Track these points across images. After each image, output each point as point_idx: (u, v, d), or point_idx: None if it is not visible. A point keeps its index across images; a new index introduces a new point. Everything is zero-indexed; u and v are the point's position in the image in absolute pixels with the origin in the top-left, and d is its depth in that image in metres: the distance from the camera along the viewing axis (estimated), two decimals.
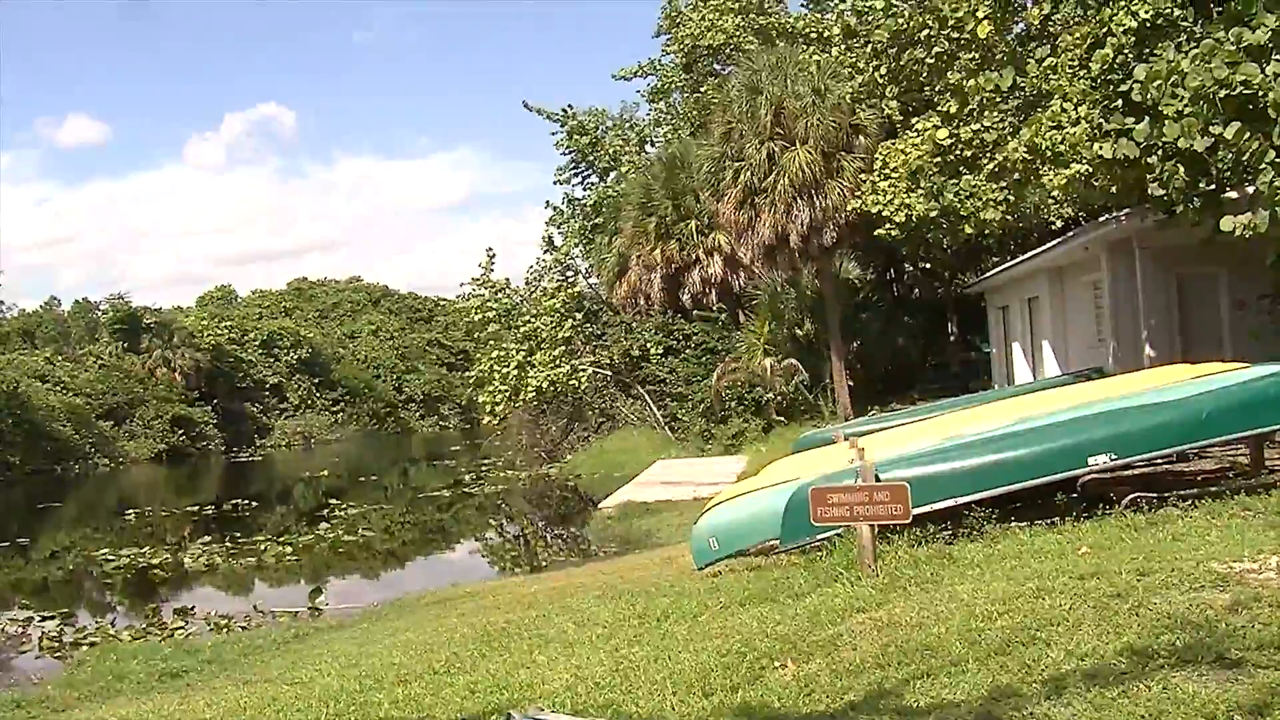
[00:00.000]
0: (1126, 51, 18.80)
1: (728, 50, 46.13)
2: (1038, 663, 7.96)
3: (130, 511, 45.56)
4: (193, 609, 22.65)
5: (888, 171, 31.43)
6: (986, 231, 29.97)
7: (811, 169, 36.33)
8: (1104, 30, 19.15)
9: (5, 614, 24.31)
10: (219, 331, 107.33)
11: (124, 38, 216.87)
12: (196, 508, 46.25)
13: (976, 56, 23.79)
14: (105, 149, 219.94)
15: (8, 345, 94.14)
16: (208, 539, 33.42)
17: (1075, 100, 20.14)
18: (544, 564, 26.21)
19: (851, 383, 39.14)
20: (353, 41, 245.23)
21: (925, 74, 26.96)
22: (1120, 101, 18.89)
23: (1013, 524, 13.26)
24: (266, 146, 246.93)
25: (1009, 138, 23.43)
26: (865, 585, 11.43)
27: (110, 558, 31.09)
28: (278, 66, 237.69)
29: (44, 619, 23.03)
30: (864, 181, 33.94)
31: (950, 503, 13.25)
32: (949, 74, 24.86)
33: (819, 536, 13.44)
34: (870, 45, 28.90)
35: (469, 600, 18.86)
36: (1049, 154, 21.00)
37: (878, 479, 12.58)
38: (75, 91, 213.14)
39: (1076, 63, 20.49)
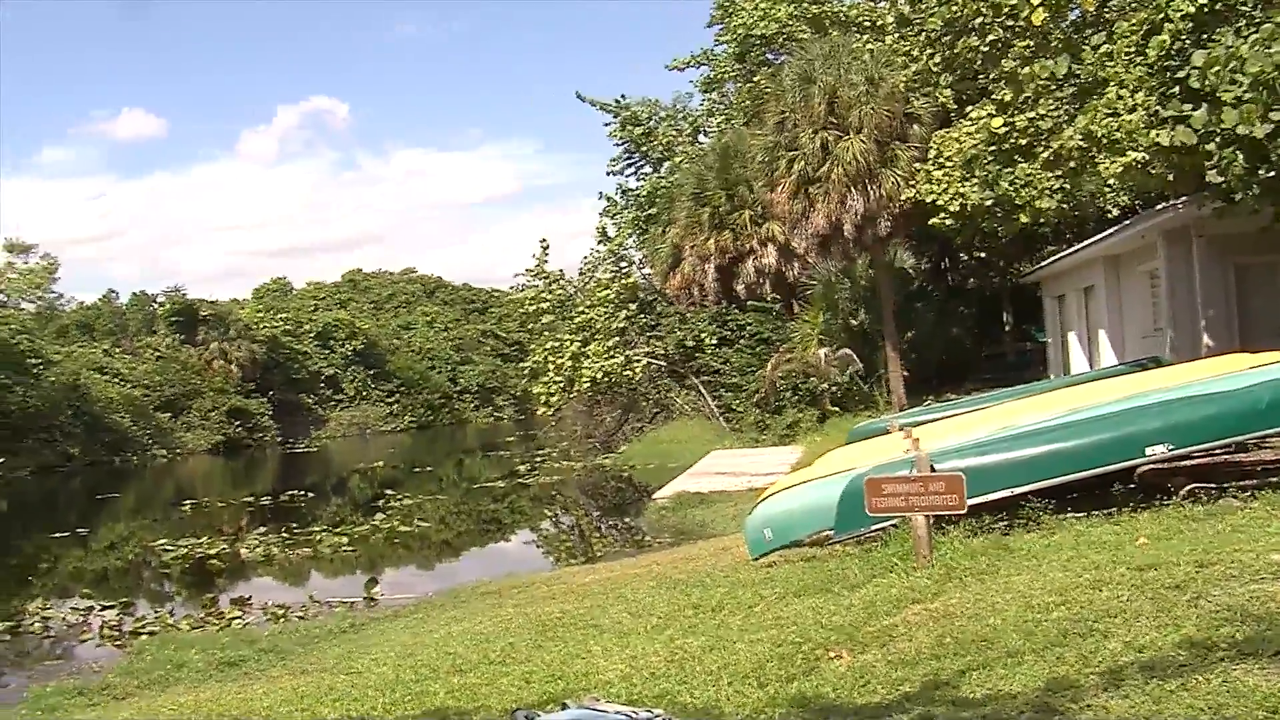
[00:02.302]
0: (1184, 37, 18.62)
1: (781, 39, 46.02)
2: (1095, 654, 7.89)
3: (187, 502, 45.83)
4: (250, 599, 22.76)
5: (942, 160, 31.30)
6: (1042, 220, 29.76)
7: (865, 158, 36.21)
8: (1161, 16, 18.98)
9: (66, 603, 24.51)
10: (275, 323, 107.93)
11: (177, 31, 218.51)
12: (253, 499, 46.51)
13: (1031, 44, 23.60)
14: (160, 143, 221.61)
15: (66, 338, 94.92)
16: (264, 530, 33.54)
17: (1132, 87, 19.97)
18: (599, 555, 26.16)
19: (906, 373, 38.95)
20: (401, 33, 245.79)
21: (980, 62, 26.76)
22: (1178, 88, 18.71)
23: (1069, 515, 13.16)
24: (318, 139, 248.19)
25: (1064, 125, 23.27)
26: (920, 576, 11.37)
27: (168, 548, 31.25)
28: (328, 59, 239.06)
29: (104, 608, 23.17)
30: (918, 170, 33.83)
31: (1006, 493, 13.15)
32: (1004, 61, 24.67)
33: (874, 527, 13.40)
34: (924, 33, 28.72)
35: (524, 590, 18.87)
36: (1105, 141, 20.83)
37: (933, 469, 12.51)
38: (130, 85, 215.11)
39: (1133, 49, 20.30)
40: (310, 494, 48.06)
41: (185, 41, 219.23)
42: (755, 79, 47.26)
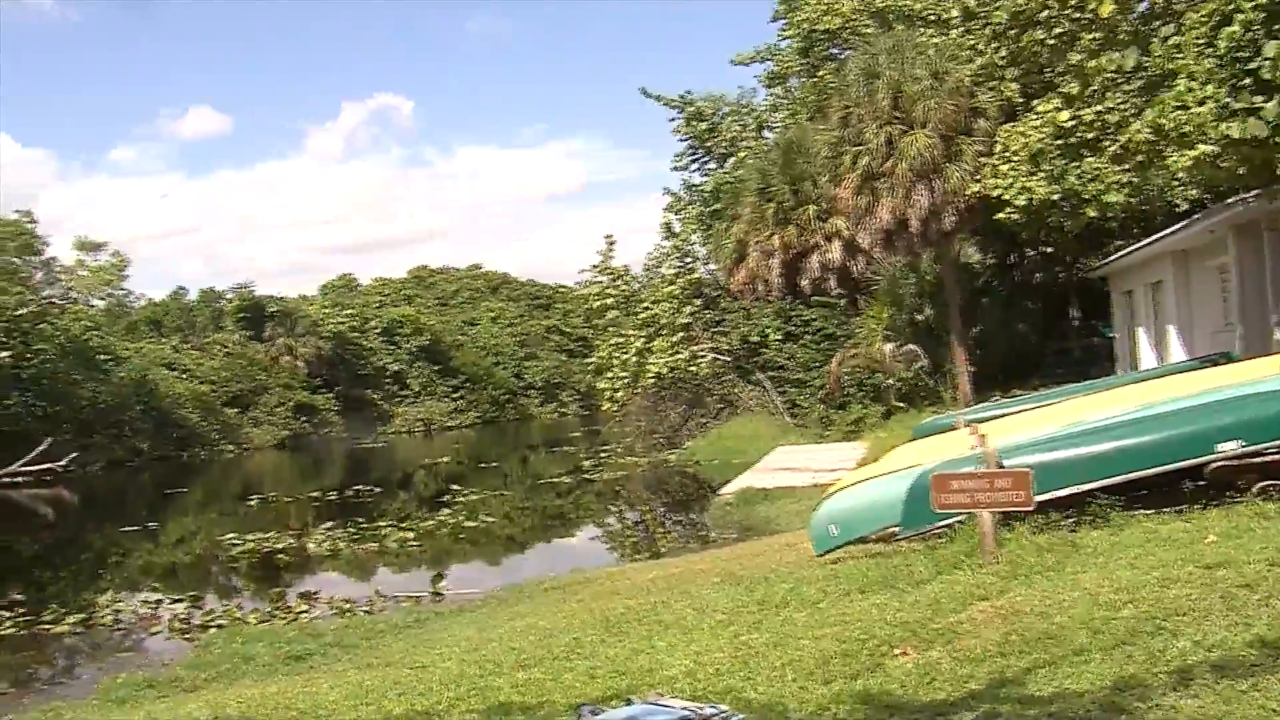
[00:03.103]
0: (1256, 28, 18.39)
1: (845, 34, 45.80)
2: (1164, 653, 7.84)
3: (254, 497, 46.24)
4: (316, 593, 22.92)
5: (1008, 155, 31.11)
6: (1109, 215, 29.59)
7: (930, 153, 36.03)
8: (1231, 6, 18.76)
9: (136, 596, 24.82)
10: (341, 320, 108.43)
11: (242, 29, 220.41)
12: (319, 494, 46.81)
13: (1099, 36, 23.40)
14: (227, 140, 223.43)
15: (136, 334, 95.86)
16: (331, 524, 33.74)
17: (1201, 79, 19.75)
18: (663, 550, 26.16)
19: (972, 368, 38.74)
20: (466, 30, 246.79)
21: (1046, 55, 26.56)
22: (1249, 79, 18.50)
23: (1138, 512, 13.06)
24: (384, 136, 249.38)
25: (1132, 119, 23.06)
26: (987, 573, 11.33)
27: (236, 542, 31.53)
28: (393, 56, 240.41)
29: (173, 602, 23.45)
30: (984, 165, 33.64)
31: (1074, 490, 13.06)
32: (1070, 55, 24.48)
33: (940, 523, 13.36)
34: (989, 27, 28.53)
35: (588, 586, 18.91)
36: (1174, 135, 20.62)
37: (1000, 465, 12.45)
38: (196, 83, 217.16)
39: (1203, 41, 20.09)
40: (376, 489, 48.31)
41: (250, 39, 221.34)
42: (819, 74, 47.10)
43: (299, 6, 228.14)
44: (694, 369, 51.78)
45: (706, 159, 57.30)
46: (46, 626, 21.61)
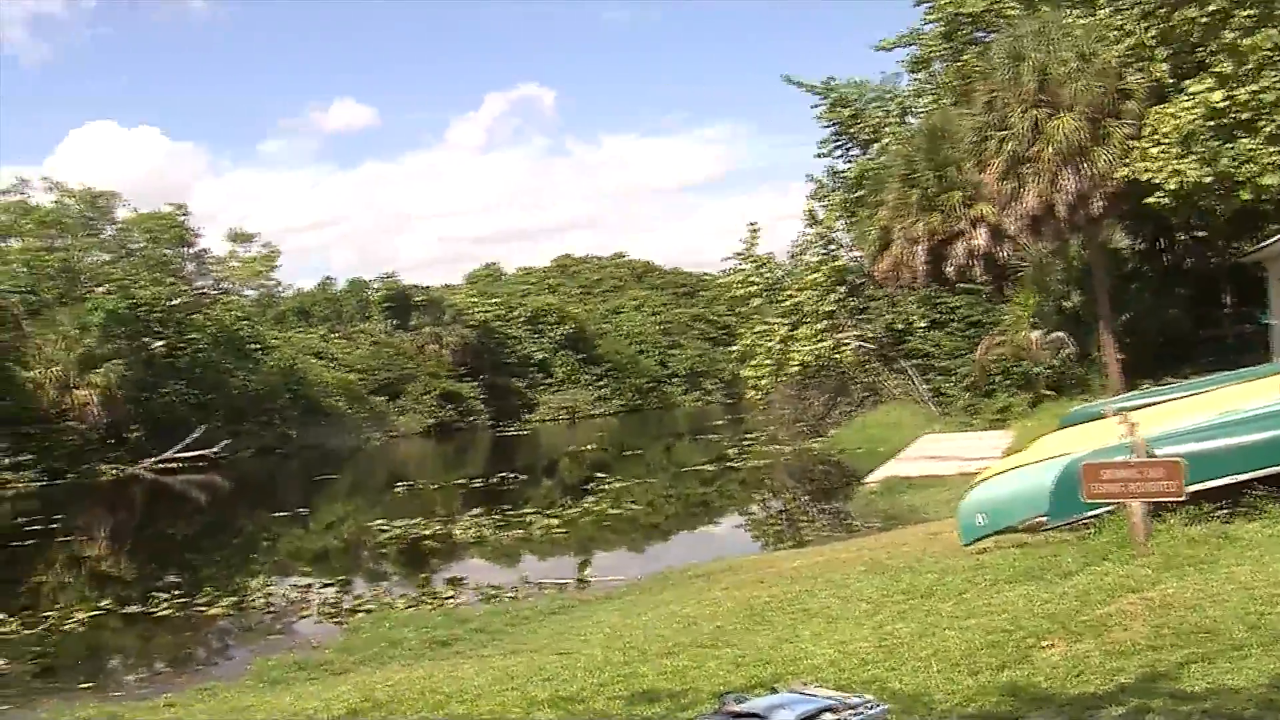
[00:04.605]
0: None
1: (989, 17, 45.21)
2: None
3: (401, 484, 46.80)
4: (463, 579, 23.19)
5: (1158, 137, 30.62)
6: (1265, 197, 28.92)
7: (1077, 136, 35.46)
8: None
9: (287, 580, 25.30)
10: (486, 308, 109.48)
11: (384, 21, 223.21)
12: (465, 481, 47.34)
13: (1255, 13, 22.94)
14: (372, 132, 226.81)
15: (285, 324, 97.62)
16: (477, 511, 34.05)
17: None
18: (807, 539, 26.10)
19: (1121, 356, 38.11)
20: (607, 19, 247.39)
21: (1198, 34, 26.13)
22: None
23: None
24: (526, 126, 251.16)
25: None
26: (1137, 564, 11.16)
27: (384, 528, 31.98)
28: (535, 46, 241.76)
29: (322, 586, 23.89)
30: (1133, 148, 33.12)
31: (1227, 480, 12.83)
32: (1224, 33, 24.05)
33: (1089, 514, 13.18)
34: (1139, 6, 28.09)
35: (732, 574, 18.92)
36: None
37: (1151, 455, 12.25)
38: (341, 76, 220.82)
39: None
40: (521, 476, 48.72)
41: (392, 31, 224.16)
42: (964, 58, 46.56)
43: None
44: (838, 357, 51.62)
45: (850, 145, 56.87)
46: (201, 608, 22.14)
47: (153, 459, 63.46)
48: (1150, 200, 31.34)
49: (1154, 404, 20.03)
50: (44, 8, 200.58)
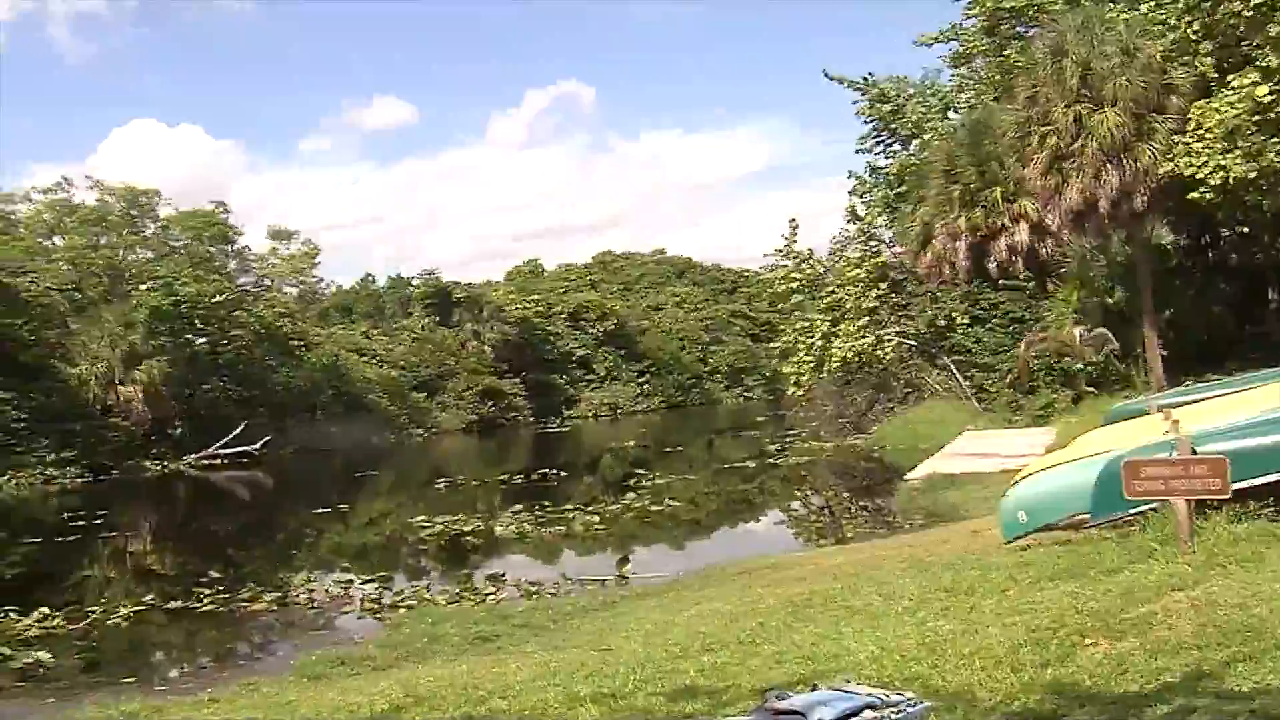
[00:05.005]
0: None
1: (1031, 11, 45.03)
2: None
3: (442, 480, 46.97)
4: (504, 575, 23.19)
5: (1202, 132, 30.44)
6: None
7: (1120, 132, 35.29)
8: None
9: (329, 576, 25.43)
10: (527, 305, 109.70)
11: (423, 19, 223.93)
12: (506, 477, 47.39)
13: None
14: (412, 129, 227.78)
15: (327, 320, 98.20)
16: (518, 508, 34.08)
17: None
18: (849, 536, 26.11)
19: (1164, 352, 37.91)
20: (646, 16, 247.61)
21: (1243, 27, 25.95)
22: None
23: None
24: (567, 123, 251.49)
25: None
26: (1181, 562, 11.10)
27: (425, 524, 32.08)
28: (574, 43, 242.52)
29: (364, 582, 23.98)
30: (1177, 143, 32.91)
31: (1273, 478, 12.73)
32: (1269, 26, 23.86)
33: (1132, 511, 13.11)
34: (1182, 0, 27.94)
35: (774, 571, 18.92)
36: None
37: (1194, 452, 12.18)
38: (380, 73, 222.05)
39: None
40: (562, 473, 48.80)
41: (432, 29, 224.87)
42: (1005, 53, 46.35)
43: None
44: (880, 353, 51.54)
45: (891, 141, 56.72)
46: (244, 604, 22.28)
47: (196, 455, 64.02)
48: (1194, 196, 31.16)
49: (1198, 401, 19.90)
50: (87, 7, 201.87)
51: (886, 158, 57.13)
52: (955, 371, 48.59)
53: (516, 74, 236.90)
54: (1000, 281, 46.42)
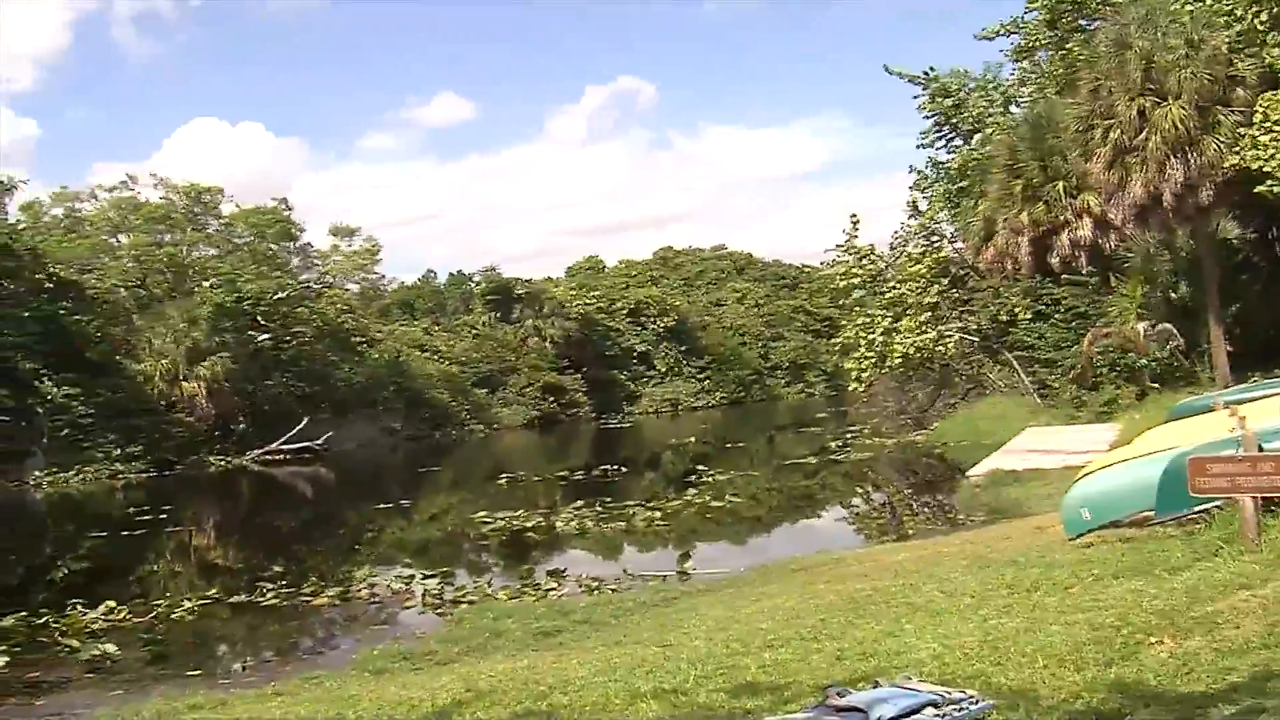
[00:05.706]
0: None
1: (1094, 4, 44.73)
2: None
3: (504, 476, 47.04)
4: (565, 571, 23.17)
5: (1269, 125, 30.12)
6: None
7: (1185, 125, 34.99)
8: None
9: (391, 571, 25.48)
10: (588, 301, 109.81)
11: (486, 15, 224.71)
12: (567, 473, 47.48)
13: None
14: (472, 126, 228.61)
15: (389, 317, 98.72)
16: (579, 503, 34.05)
17: None
18: (910, 532, 25.97)
19: (1230, 348, 37.57)
20: (706, 11, 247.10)
21: None
22: None
23: None
24: (627, 119, 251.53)
25: None
26: (1248, 560, 11.00)
27: (486, 520, 32.11)
28: (634, 39, 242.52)
29: (425, 577, 23.99)
30: (1243, 136, 32.60)
31: None
32: None
33: (1197, 508, 13.02)
34: None
35: (835, 567, 18.88)
36: None
37: (1261, 449, 12.07)
38: (444, 70, 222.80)
39: None
40: (623, 469, 48.86)
41: (491, 25, 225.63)
42: (1068, 46, 46.06)
43: None
44: (941, 349, 51.33)
45: (953, 135, 56.44)
46: (306, 598, 22.38)
47: (259, 451, 64.53)
48: (1261, 189, 30.89)
49: (1264, 397, 19.72)
50: (151, 6, 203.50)
51: (948, 152, 56.87)
52: (1017, 367, 48.38)
53: (576, 70, 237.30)
54: (1063, 276, 46.13)
